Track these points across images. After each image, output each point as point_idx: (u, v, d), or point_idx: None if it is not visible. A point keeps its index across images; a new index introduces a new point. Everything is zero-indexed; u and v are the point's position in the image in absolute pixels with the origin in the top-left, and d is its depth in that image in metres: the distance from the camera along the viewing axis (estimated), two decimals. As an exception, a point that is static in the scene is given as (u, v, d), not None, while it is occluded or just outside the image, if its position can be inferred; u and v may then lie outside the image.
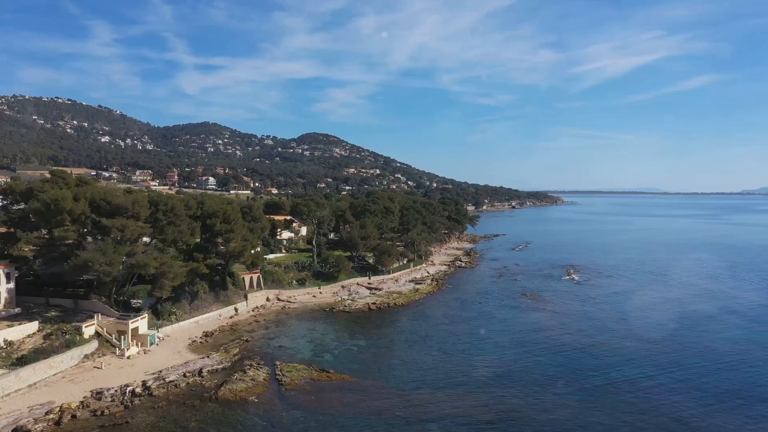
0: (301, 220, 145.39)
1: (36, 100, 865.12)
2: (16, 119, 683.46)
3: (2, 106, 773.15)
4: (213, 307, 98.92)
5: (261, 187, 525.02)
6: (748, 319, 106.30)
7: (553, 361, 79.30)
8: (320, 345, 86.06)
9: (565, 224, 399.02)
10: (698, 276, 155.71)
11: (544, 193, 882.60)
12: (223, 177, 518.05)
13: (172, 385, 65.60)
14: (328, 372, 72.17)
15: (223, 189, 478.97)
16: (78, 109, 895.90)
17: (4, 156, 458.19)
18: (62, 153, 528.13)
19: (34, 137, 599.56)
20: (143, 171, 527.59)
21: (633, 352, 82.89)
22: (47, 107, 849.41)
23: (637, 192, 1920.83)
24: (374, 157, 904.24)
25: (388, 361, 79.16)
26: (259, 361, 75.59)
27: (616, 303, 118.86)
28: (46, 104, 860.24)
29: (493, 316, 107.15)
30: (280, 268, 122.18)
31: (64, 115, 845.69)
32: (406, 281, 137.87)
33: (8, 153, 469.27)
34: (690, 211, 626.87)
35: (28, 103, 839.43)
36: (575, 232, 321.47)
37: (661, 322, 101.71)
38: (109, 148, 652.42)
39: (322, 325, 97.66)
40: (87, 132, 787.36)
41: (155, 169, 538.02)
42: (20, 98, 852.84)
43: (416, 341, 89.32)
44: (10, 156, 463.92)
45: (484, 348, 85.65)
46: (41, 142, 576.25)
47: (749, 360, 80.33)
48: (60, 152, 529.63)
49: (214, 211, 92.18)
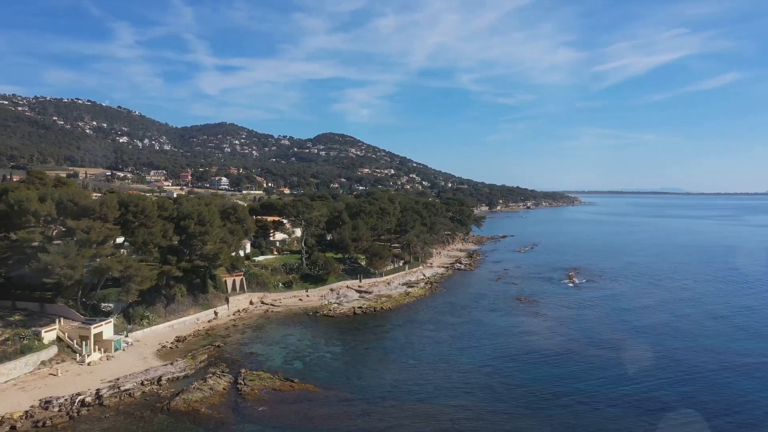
0: (290, 221, 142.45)
1: (57, 101, 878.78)
2: (36, 120, 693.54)
3: (23, 108, 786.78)
4: (191, 311, 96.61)
5: (274, 187, 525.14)
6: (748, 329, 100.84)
7: (532, 371, 75.35)
8: (293, 351, 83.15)
9: (577, 225, 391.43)
10: (702, 281, 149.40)
11: (561, 194, 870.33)
12: (236, 177, 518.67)
13: (126, 394, 63.16)
14: (292, 381, 69.17)
15: (236, 189, 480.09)
16: (97, 110, 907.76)
17: (21, 156, 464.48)
18: (79, 153, 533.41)
19: (52, 138, 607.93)
20: (157, 171, 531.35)
21: (617, 363, 78.41)
22: (67, 108, 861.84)
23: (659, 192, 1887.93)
24: (390, 157, 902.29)
25: (359, 369, 75.92)
26: (224, 369, 72.97)
27: (611, 309, 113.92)
28: (67, 105, 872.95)
29: (481, 321, 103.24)
30: (267, 270, 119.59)
31: (83, 116, 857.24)
32: (399, 284, 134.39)
33: (25, 153, 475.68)
34: (708, 212, 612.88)
35: (49, 104, 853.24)
36: (586, 233, 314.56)
37: (654, 330, 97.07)
38: (125, 148, 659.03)
39: (301, 331, 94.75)
40: (106, 132, 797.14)
41: (169, 169, 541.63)
42: (41, 99, 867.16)
43: (394, 348, 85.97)
44: (27, 156, 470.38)
45: (464, 356, 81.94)
46: (59, 143, 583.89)
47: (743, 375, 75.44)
48: (77, 152, 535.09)
49: (188, 213, 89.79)
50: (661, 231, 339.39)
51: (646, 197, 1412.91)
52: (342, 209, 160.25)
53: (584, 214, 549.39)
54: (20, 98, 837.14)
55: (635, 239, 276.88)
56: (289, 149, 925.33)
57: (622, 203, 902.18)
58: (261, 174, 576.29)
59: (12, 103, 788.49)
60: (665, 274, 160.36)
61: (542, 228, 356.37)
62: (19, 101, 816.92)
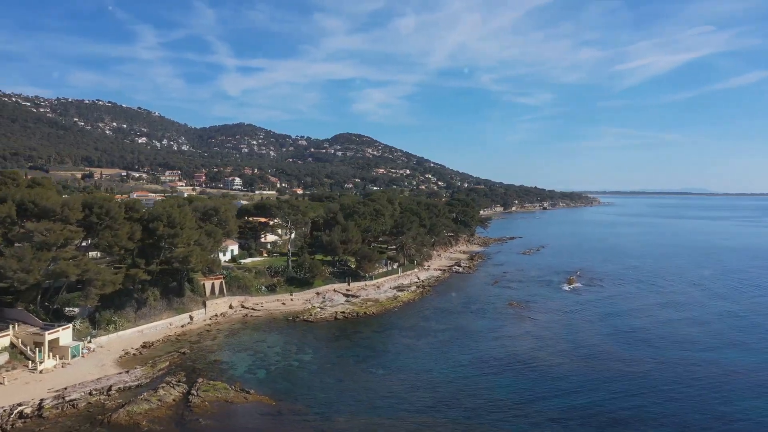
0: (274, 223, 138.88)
1: (78, 102, 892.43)
2: (56, 121, 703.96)
3: (45, 109, 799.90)
4: (164, 315, 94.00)
5: (287, 187, 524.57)
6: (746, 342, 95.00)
7: (506, 383, 71.00)
8: (261, 359, 79.93)
9: (591, 227, 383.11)
10: (706, 287, 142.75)
11: (579, 194, 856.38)
12: (249, 177, 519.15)
13: (69, 405, 60.41)
14: (247, 392, 65.87)
15: (248, 189, 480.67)
16: (117, 112, 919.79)
17: (39, 157, 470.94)
18: (96, 154, 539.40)
19: (71, 139, 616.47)
20: (172, 171, 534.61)
21: (596, 375, 73.69)
22: (88, 109, 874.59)
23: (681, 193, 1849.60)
24: (407, 158, 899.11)
25: (324, 380, 72.29)
26: (181, 378, 69.96)
27: (603, 315, 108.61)
28: (87, 107, 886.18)
29: (466, 328, 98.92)
30: (251, 273, 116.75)
31: (104, 117, 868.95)
32: (390, 288, 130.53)
33: (43, 154, 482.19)
34: (729, 213, 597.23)
35: (70, 105, 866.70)
36: (598, 234, 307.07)
37: (644, 339, 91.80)
38: (143, 149, 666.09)
39: (275, 337, 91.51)
40: (125, 133, 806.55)
41: (184, 169, 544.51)
42: (63, 101, 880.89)
43: (367, 357, 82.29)
44: (45, 157, 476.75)
45: (438, 366, 77.81)
46: (77, 144, 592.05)
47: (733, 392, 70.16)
48: (94, 153, 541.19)
49: (157, 215, 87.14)
50: (675, 233, 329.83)
51: (668, 198, 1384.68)
52: (337, 210, 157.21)
53: (601, 215, 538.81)
54: (42, 99, 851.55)
55: (647, 241, 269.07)
56: (306, 149, 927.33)
57: (641, 204, 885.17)
58: (275, 174, 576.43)
59: (34, 104, 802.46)
60: (669, 278, 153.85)
61: (554, 229, 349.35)
62: (41, 102, 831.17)
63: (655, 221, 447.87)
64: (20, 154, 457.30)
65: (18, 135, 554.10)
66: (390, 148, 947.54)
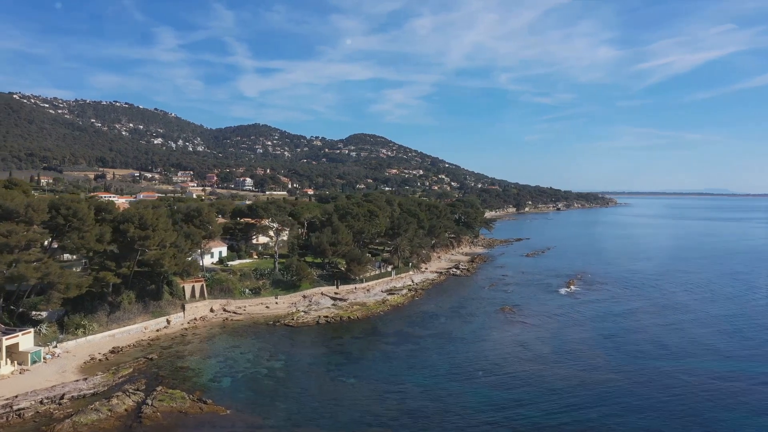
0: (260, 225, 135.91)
1: (95, 104, 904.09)
2: (71, 122, 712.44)
3: (63, 110, 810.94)
4: (139, 319, 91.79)
5: (298, 187, 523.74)
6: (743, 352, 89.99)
7: (481, 394, 67.29)
8: (229, 366, 77.12)
9: (603, 228, 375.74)
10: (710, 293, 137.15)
11: (595, 195, 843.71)
12: (260, 178, 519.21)
13: (15, 415, 58.15)
14: (204, 402, 63.01)
15: (259, 190, 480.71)
16: (134, 113, 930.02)
17: (54, 158, 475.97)
18: (110, 154, 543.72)
19: (86, 140, 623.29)
20: (185, 172, 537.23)
21: (581, 387, 69.59)
22: (106, 111, 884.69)
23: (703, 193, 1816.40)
24: (421, 158, 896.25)
25: (290, 389, 69.26)
26: (141, 386, 67.38)
27: (597, 321, 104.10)
28: (105, 108, 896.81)
29: (450, 334, 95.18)
30: (235, 276, 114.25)
31: (121, 118, 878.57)
32: (380, 291, 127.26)
33: (58, 155, 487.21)
34: (749, 214, 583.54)
35: (88, 107, 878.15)
36: (608, 236, 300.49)
37: (636, 348, 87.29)
38: (157, 150, 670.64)
39: (251, 342, 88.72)
40: (141, 134, 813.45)
41: (196, 170, 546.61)
42: (81, 102, 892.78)
43: (340, 364, 79.14)
44: (59, 158, 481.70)
45: (412, 375, 74.26)
46: (92, 144, 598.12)
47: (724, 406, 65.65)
48: (108, 154, 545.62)
49: (128, 216, 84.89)
50: (686, 235, 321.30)
51: (687, 199, 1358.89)
52: (332, 211, 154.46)
53: (615, 216, 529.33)
54: (61, 101, 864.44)
55: (656, 243, 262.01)
56: (320, 150, 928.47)
57: (658, 205, 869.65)
58: (287, 175, 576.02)
59: (53, 106, 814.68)
60: (672, 283, 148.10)
61: (563, 231, 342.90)
62: (59, 104, 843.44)
63: (669, 222, 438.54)
64: (35, 155, 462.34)
65: (34, 136, 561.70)
66: (404, 148, 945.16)
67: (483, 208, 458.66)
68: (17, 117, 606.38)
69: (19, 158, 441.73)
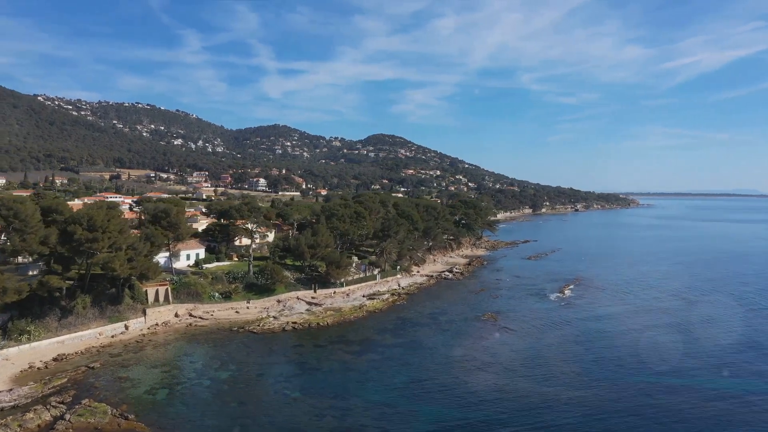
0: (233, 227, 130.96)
1: (118, 105, 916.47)
2: (93, 123, 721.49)
3: (86, 112, 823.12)
4: (93, 324, 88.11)
5: (312, 188, 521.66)
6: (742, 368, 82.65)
7: (436, 412, 61.85)
8: (173, 376, 72.82)
9: (618, 229, 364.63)
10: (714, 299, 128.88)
11: (616, 196, 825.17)
12: (274, 178, 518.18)
13: None
14: (125, 418, 58.61)
15: (272, 190, 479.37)
16: (156, 114, 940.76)
17: (72, 158, 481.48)
18: (128, 155, 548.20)
19: (106, 140, 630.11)
20: (200, 172, 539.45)
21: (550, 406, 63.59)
22: (127, 112, 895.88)
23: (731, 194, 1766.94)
24: (440, 158, 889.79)
25: (225, 403, 64.44)
26: (68, 398, 63.44)
27: (582, 331, 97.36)
28: (127, 109, 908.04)
29: (421, 343, 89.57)
30: (206, 279, 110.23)
31: (142, 120, 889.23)
32: (361, 295, 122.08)
33: (76, 155, 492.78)
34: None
35: (110, 108, 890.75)
36: (621, 238, 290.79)
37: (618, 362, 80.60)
38: (176, 150, 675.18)
39: (205, 350, 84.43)
40: (162, 135, 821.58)
41: (211, 170, 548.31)
42: (104, 104, 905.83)
43: (291, 375, 74.26)
44: (77, 158, 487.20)
45: (363, 391, 68.88)
46: (111, 145, 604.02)
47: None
48: (126, 154, 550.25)
49: (77, 218, 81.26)
50: (706, 236, 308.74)
51: (716, 199, 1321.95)
52: (319, 212, 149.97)
53: (635, 218, 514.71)
54: (84, 103, 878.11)
55: (670, 246, 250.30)
56: (339, 150, 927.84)
57: (681, 206, 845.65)
58: (302, 175, 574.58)
59: (76, 107, 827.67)
60: (675, 288, 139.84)
61: (576, 232, 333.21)
62: (82, 106, 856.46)
63: (689, 224, 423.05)
64: (53, 156, 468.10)
65: (54, 137, 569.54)
66: (423, 149, 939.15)
67: (497, 209, 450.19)
68: (38, 118, 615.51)
69: (37, 159, 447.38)
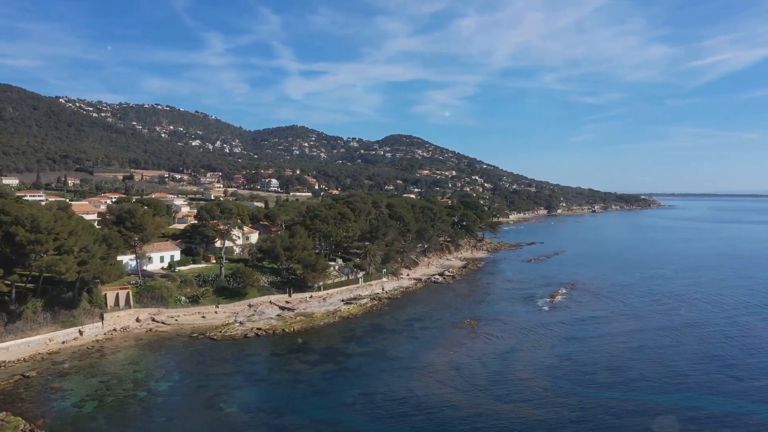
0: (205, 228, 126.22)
1: (138, 107, 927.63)
2: (111, 125, 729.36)
3: (106, 113, 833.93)
4: (44, 330, 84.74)
5: (325, 188, 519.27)
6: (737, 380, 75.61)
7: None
8: (108, 387, 68.55)
9: (632, 231, 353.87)
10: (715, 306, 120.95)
11: (636, 196, 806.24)
12: (286, 179, 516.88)
13: None
14: (37, 434, 54.76)
15: (284, 191, 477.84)
16: (175, 115, 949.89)
17: (87, 159, 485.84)
18: (144, 156, 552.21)
19: (122, 141, 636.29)
20: (213, 173, 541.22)
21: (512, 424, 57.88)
22: (147, 114, 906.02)
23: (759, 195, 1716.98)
24: (458, 159, 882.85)
25: (153, 418, 60.05)
26: (-13, 410, 59.81)
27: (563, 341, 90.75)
28: (146, 111, 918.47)
29: (385, 353, 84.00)
30: (174, 283, 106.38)
31: (161, 121, 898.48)
32: (339, 300, 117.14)
33: (92, 156, 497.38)
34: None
35: (130, 110, 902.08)
36: (633, 239, 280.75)
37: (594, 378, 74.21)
38: (191, 151, 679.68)
39: (155, 358, 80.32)
40: (180, 136, 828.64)
41: (225, 171, 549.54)
42: (124, 106, 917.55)
43: (234, 388, 69.56)
44: (93, 159, 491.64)
45: (309, 405, 63.68)
46: (127, 146, 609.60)
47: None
48: (143, 155, 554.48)
49: (20, 219, 77.78)
50: (721, 238, 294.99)
51: (743, 200, 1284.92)
52: (305, 213, 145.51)
53: (653, 219, 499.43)
54: (105, 105, 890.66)
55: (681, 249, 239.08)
56: (356, 151, 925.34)
57: (704, 207, 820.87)
58: (316, 176, 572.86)
59: (96, 109, 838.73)
60: (677, 294, 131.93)
61: (587, 234, 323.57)
62: (103, 107, 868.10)
63: (712, 226, 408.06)
64: (69, 156, 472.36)
65: (72, 138, 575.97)
66: (441, 149, 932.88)
67: (509, 210, 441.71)
68: (57, 120, 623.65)
69: (53, 160, 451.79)
